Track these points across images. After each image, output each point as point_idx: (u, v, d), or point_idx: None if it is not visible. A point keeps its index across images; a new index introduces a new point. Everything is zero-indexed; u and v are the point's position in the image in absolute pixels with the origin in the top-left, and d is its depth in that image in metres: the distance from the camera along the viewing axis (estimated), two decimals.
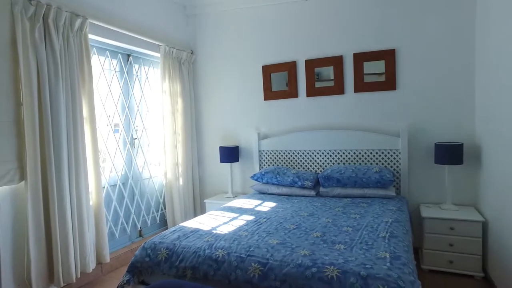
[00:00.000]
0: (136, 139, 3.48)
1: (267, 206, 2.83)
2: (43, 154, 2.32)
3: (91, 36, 2.76)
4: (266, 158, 3.68)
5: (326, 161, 3.41)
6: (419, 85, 3.09)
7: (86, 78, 2.65)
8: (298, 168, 3.53)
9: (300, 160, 3.52)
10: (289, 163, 3.57)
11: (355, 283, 1.49)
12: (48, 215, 2.35)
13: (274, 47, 3.66)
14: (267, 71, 3.69)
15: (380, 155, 3.18)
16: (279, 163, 3.62)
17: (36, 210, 2.27)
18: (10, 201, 2.22)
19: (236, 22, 3.83)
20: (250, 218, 2.47)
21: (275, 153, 3.63)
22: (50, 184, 2.32)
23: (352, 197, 2.98)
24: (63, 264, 2.40)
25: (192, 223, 2.40)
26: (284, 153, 3.59)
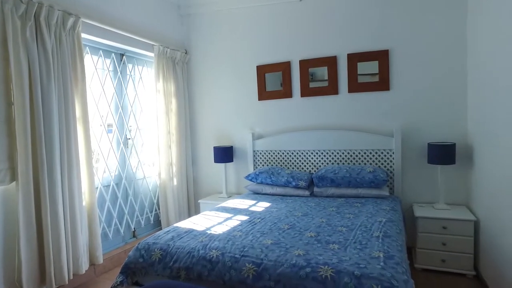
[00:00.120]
0: (129, 139, 3.45)
1: (262, 206, 2.83)
2: (35, 154, 2.29)
3: (84, 35, 2.73)
4: (261, 158, 3.68)
5: (320, 161, 3.42)
6: (412, 85, 3.12)
7: (79, 77, 2.63)
8: (292, 168, 3.53)
9: (294, 160, 3.52)
10: (283, 163, 3.57)
11: (349, 282, 1.49)
12: (40, 216, 2.32)
13: (269, 47, 3.66)
14: (262, 71, 3.69)
15: (374, 155, 3.20)
16: (274, 163, 3.62)
17: (28, 211, 2.24)
18: (0, 201, 2.19)
19: (230, 22, 3.82)
20: (244, 218, 2.47)
21: (269, 153, 3.63)
22: (42, 185, 2.29)
23: (346, 197, 2.99)
24: (55, 265, 2.37)
25: (186, 224, 2.39)
26: (278, 153, 3.59)
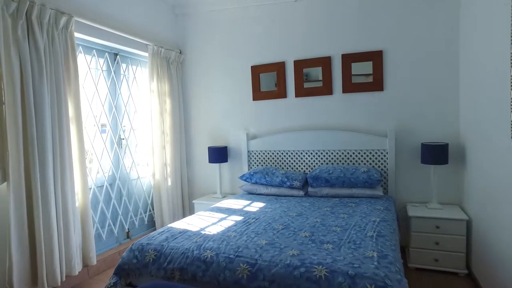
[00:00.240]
0: (123, 139, 3.43)
1: (256, 206, 2.83)
2: (27, 154, 2.26)
3: (77, 35, 2.70)
4: (255, 158, 3.68)
5: (314, 161, 3.43)
6: (405, 86, 3.14)
7: (72, 77, 2.60)
8: (287, 168, 3.54)
9: (289, 160, 3.53)
10: (277, 163, 3.58)
11: (343, 282, 1.50)
12: (32, 217, 2.29)
13: (263, 47, 3.66)
14: (256, 71, 3.69)
15: (368, 155, 3.22)
16: (268, 163, 3.63)
17: (19, 212, 2.21)
18: None
19: (225, 22, 3.82)
20: (239, 218, 2.47)
21: (264, 153, 3.64)
22: (34, 185, 2.27)
23: (340, 197, 3.00)
24: (47, 267, 2.34)
25: (180, 224, 2.38)
26: (273, 153, 3.59)
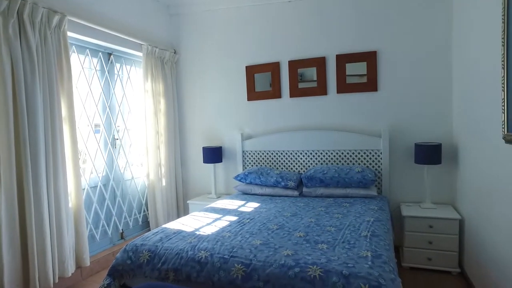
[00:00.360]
0: (117, 139, 3.41)
1: (251, 206, 2.83)
2: (19, 155, 2.24)
3: (70, 34, 2.68)
4: (250, 158, 3.68)
5: (309, 161, 3.44)
6: (399, 86, 3.16)
7: (65, 76, 2.58)
8: (282, 168, 3.54)
9: (284, 161, 3.54)
10: (272, 163, 3.58)
11: (337, 282, 1.51)
12: (24, 218, 2.27)
13: (258, 47, 3.66)
14: (251, 72, 3.69)
15: (362, 155, 3.23)
16: (263, 163, 3.63)
17: (10, 212, 2.18)
18: None
19: (219, 22, 3.81)
20: (234, 218, 2.46)
21: (258, 153, 3.64)
22: (26, 186, 2.24)
23: (335, 197, 3.01)
24: (39, 269, 2.32)
25: (175, 225, 2.37)
26: (267, 153, 3.59)
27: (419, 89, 3.10)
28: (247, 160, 3.70)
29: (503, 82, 1.80)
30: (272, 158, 3.58)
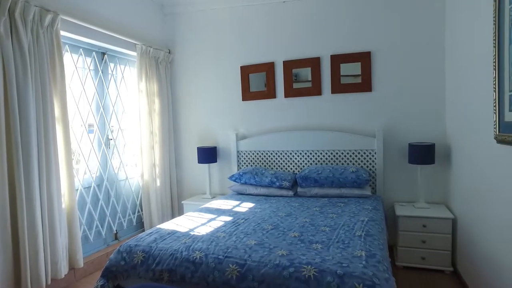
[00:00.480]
0: (111, 139, 3.38)
1: (245, 206, 2.83)
2: (10, 155, 2.21)
3: (63, 33, 2.65)
4: (244, 158, 3.68)
5: (303, 161, 3.44)
6: (393, 87, 3.19)
7: (57, 76, 2.55)
8: (276, 168, 3.55)
9: (278, 161, 3.54)
10: (267, 163, 3.58)
11: (332, 281, 1.51)
12: (16, 218, 2.24)
13: (253, 47, 3.66)
14: (245, 72, 3.69)
15: (356, 155, 3.25)
16: (257, 163, 3.63)
17: (2, 212, 2.15)
18: None
19: (214, 22, 3.80)
20: (228, 219, 2.46)
21: (253, 153, 3.63)
22: (18, 186, 2.22)
23: (329, 196, 3.02)
24: (31, 270, 2.29)
25: (169, 225, 2.36)
26: (262, 153, 3.60)
27: (413, 89, 3.12)
28: (242, 160, 3.70)
29: (494, 83, 1.83)
30: (267, 158, 3.58)
